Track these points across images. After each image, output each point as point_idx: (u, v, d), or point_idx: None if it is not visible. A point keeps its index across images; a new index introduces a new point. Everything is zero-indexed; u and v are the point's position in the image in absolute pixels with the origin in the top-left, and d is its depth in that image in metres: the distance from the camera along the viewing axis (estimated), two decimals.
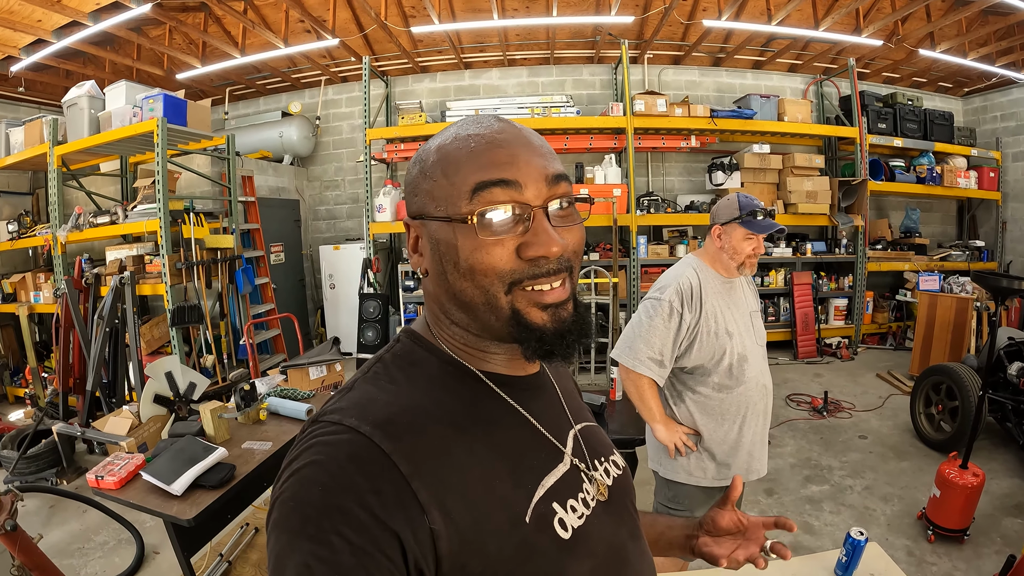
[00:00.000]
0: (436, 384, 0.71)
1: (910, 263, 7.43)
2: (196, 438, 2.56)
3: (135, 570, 3.13)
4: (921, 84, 8.41)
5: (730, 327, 2.05)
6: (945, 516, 3.11)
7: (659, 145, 7.21)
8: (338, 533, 0.54)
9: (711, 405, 2.08)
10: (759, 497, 3.75)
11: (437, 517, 0.58)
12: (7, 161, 6.09)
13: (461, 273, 0.66)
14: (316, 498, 0.56)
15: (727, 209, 2.08)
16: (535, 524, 0.66)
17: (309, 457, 0.60)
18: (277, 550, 0.56)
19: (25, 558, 2.12)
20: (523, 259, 0.65)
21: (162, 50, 6.61)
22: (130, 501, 2.22)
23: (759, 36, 7.01)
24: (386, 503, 0.56)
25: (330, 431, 0.62)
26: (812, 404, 5.31)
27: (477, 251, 0.65)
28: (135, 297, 5.09)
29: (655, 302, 2.07)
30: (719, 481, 2.11)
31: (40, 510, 3.85)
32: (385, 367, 0.73)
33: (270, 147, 7.73)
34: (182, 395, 4.33)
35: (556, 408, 0.84)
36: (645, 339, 2.04)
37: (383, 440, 0.60)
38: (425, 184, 0.69)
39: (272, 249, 7.15)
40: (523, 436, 0.74)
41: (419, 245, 0.73)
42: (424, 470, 0.60)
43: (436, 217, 0.67)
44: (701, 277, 2.08)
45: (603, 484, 0.81)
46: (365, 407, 0.65)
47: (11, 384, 6.39)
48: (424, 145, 0.73)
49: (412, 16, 6.63)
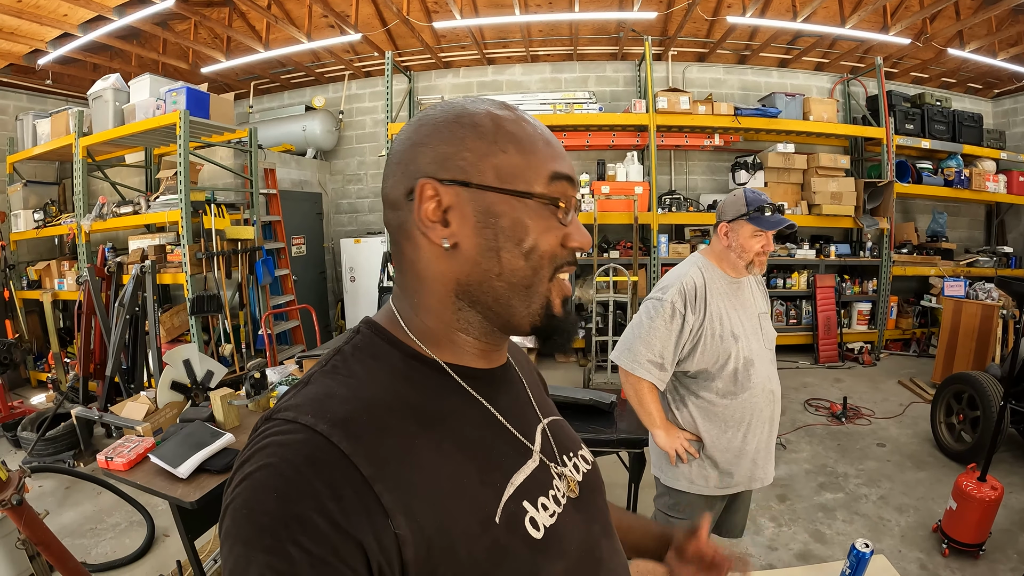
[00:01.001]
0: (398, 378, 0.67)
1: (936, 268, 7.26)
2: (205, 423, 2.59)
3: (144, 551, 3.19)
4: (950, 85, 8.22)
5: (736, 330, 1.97)
6: (961, 530, 3.02)
7: (682, 143, 7.15)
8: (296, 544, 0.50)
9: (715, 411, 2.00)
10: (771, 503, 3.69)
11: (402, 522, 0.55)
12: (34, 152, 6.23)
13: (523, 252, 0.65)
14: (271, 506, 0.52)
15: (733, 205, 2.01)
16: (505, 525, 0.63)
17: (262, 460, 0.55)
18: (231, 561, 0.52)
19: (30, 533, 2.16)
20: (567, 248, 0.69)
21: (187, 44, 6.70)
22: (136, 482, 2.25)
23: (785, 33, 6.91)
24: (346, 509, 0.53)
25: (284, 430, 0.58)
26: (831, 410, 5.22)
27: (546, 233, 0.66)
28: (156, 286, 5.17)
29: (657, 302, 1.99)
30: (721, 490, 2.04)
31: (56, 491, 3.94)
32: (344, 360, 0.68)
33: (293, 141, 7.79)
34: (199, 383, 4.38)
35: (523, 402, 0.81)
36: (645, 341, 1.97)
37: (342, 440, 0.56)
38: (481, 147, 0.66)
39: (294, 241, 7.22)
40: (490, 433, 0.71)
41: (449, 214, 0.66)
42: (387, 472, 0.57)
43: (505, 190, 0.65)
44: (707, 277, 2.01)
45: (573, 480, 0.78)
46: (322, 403, 0.60)
47: (34, 369, 6.56)
48: (451, 109, 0.68)
49: (435, 11, 6.64)
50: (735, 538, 2.28)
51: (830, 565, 1.66)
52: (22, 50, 5.78)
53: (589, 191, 6.79)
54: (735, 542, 2.52)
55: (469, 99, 0.70)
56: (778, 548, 3.21)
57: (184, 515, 2.28)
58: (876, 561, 1.59)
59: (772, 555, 3.15)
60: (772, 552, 3.17)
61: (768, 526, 3.43)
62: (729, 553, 0.99)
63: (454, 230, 0.66)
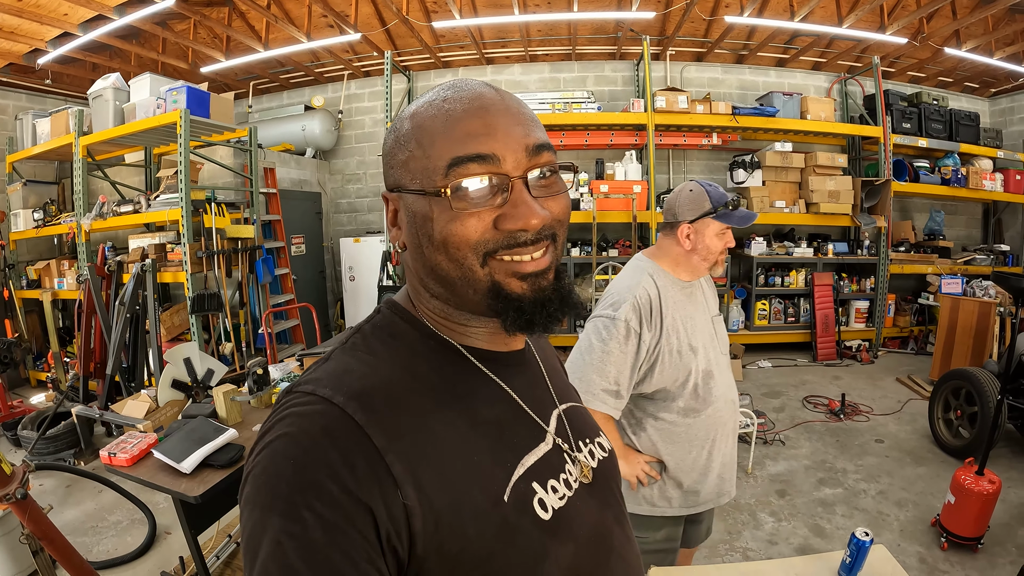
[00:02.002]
0: (416, 357, 0.69)
1: (933, 266, 7.28)
2: (208, 419, 2.60)
3: (146, 549, 3.19)
4: (947, 84, 8.24)
5: (693, 341, 1.79)
6: (959, 523, 3.05)
7: (680, 142, 7.16)
8: (310, 508, 0.52)
9: (677, 432, 1.81)
10: (771, 498, 3.71)
11: (411, 493, 0.57)
12: (34, 151, 6.22)
13: (436, 246, 0.65)
14: (288, 472, 0.54)
15: (693, 204, 1.80)
16: (514, 504, 0.64)
17: (281, 429, 0.58)
18: (249, 526, 0.54)
19: (34, 527, 2.17)
20: (500, 230, 0.64)
21: (187, 44, 6.70)
22: (140, 478, 2.26)
23: (782, 33, 6.93)
24: (359, 477, 0.55)
25: (303, 401, 0.60)
26: (829, 407, 5.24)
27: (451, 223, 0.63)
28: (156, 284, 5.17)
29: (608, 322, 1.75)
30: (685, 509, 1.87)
31: (57, 489, 3.94)
32: (364, 338, 0.71)
33: (293, 140, 7.79)
34: (200, 381, 4.39)
35: (540, 386, 0.82)
36: (598, 368, 1.73)
37: (357, 412, 0.58)
38: (400, 155, 0.68)
39: (293, 240, 7.22)
40: (504, 413, 0.72)
41: (398, 218, 0.71)
42: (399, 444, 0.58)
43: (411, 190, 0.66)
44: (659, 285, 1.81)
45: (587, 466, 0.79)
46: (341, 378, 0.63)
47: (34, 368, 6.55)
48: (400, 111, 0.71)
49: (434, 11, 6.65)
50: (701, 543, 2.13)
51: (831, 555, 1.66)
52: (22, 49, 5.77)
53: (588, 190, 6.81)
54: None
55: (441, 85, 0.69)
56: (778, 543, 3.23)
57: (187, 510, 2.29)
58: (876, 551, 1.59)
59: (772, 549, 3.16)
60: (772, 546, 3.19)
61: (768, 521, 3.45)
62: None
63: (399, 233, 0.72)
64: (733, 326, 7.02)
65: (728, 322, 7.03)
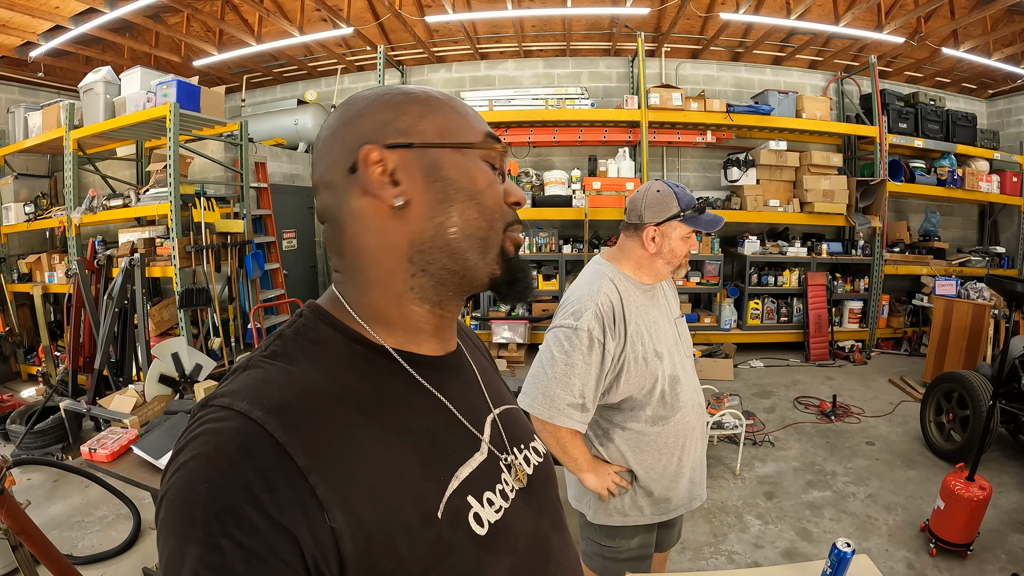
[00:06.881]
0: (341, 364, 0.65)
1: (928, 267, 7.28)
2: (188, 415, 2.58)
3: (129, 545, 3.18)
4: (944, 84, 8.23)
5: (658, 346, 1.73)
6: (948, 529, 3.02)
7: (674, 139, 7.16)
8: (228, 536, 0.49)
9: (646, 441, 1.74)
10: (758, 500, 3.70)
11: (339, 516, 0.54)
12: (25, 144, 6.18)
13: (476, 202, 0.68)
14: (203, 496, 0.51)
15: (660, 205, 1.72)
16: (448, 520, 0.62)
17: (196, 449, 0.54)
18: (166, 555, 0.51)
19: (12, 522, 2.15)
20: (508, 204, 0.72)
21: (179, 37, 6.67)
22: (120, 474, 2.25)
23: (778, 31, 6.91)
24: (280, 501, 0.51)
25: (219, 417, 0.56)
26: (820, 408, 5.23)
27: (492, 186, 0.70)
28: (145, 279, 5.15)
29: (569, 332, 1.65)
30: (657, 517, 1.81)
31: (44, 484, 3.92)
32: (285, 344, 0.66)
33: (285, 134, 7.76)
34: (188, 376, 4.39)
35: (474, 390, 0.79)
36: (562, 382, 1.63)
37: (277, 428, 0.54)
38: (423, 112, 0.69)
39: (284, 235, 7.19)
40: (437, 422, 0.69)
41: (397, 174, 0.66)
42: (324, 463, 0.55)
43: (448, 144, 0.68)
44: (621, 290, 1.73)
45: (523, 472, 0.76)
46: (259, 389, 0.58)
47: (25, 362, 6.51)
48: (377, 88, 0.71)
49: (427, 6, 6.62)
50: (673, 546, 2.06)
51: (811, 564, 1.63)
52: (14, 42, 5.75)
53: (580, 187, 6.80)
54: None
55: (393, 86, 0.73)
56: (764, 546, 3.21)
57: None
58: (859, 560, 1.55)
59: (758, 553, 3.15)
60: (758, 550, 3.17)
61: (755, 523, 3.44)
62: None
63: (404, 188, 0.66)
64: (725, 325, 7.01)
65: (720, 321, 7.03)
